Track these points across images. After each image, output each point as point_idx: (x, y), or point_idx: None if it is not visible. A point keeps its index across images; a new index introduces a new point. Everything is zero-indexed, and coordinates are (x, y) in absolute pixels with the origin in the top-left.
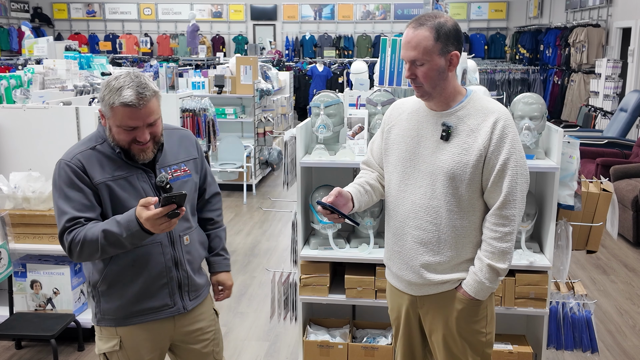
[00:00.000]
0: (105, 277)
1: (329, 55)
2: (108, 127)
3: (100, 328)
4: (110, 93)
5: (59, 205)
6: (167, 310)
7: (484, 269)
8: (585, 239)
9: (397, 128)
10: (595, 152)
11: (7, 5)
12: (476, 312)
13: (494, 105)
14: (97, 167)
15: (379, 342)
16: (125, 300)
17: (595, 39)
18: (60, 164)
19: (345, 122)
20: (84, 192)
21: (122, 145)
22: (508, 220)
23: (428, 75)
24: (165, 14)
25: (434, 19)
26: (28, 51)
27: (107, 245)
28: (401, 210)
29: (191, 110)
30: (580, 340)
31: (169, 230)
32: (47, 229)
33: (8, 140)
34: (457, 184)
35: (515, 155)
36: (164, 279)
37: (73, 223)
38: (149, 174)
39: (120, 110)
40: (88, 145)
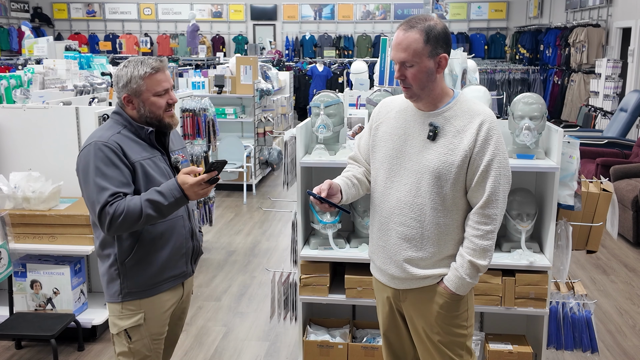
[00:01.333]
0: (137, 251)
1: (329, 55)
2: (140, 106)
3: (122, 305)
4: (136, 69)
5: (98, 183)
6: (183, 276)
7: (465, 265)
8: (585, 239)
9: (385, 125)
10: (595, 152)
11: (7, 5)
12: (457, 307)
13: (480, 108)
14: (130, 148)
15: (379, 342)
16: (153, 271)
17: (595, 39)
18: (96, 145)
19: (345, 122)
20: (122, 170)
21: (157, 115)
22: (490, 219)
23: (417, 77)
24: (165, 14)
25: (424, 21)
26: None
27: (150, 214)
28: (386, 206)
29: (191, 110)
30: (580, 340)
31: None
32: (47, 229)
33: (8, 140)
34: (442, 183)
35: (499, 156)
36: (184, 249)
37: (114, 197)
38: (164, 156)
39: (153, 77)
40: (115, 130)
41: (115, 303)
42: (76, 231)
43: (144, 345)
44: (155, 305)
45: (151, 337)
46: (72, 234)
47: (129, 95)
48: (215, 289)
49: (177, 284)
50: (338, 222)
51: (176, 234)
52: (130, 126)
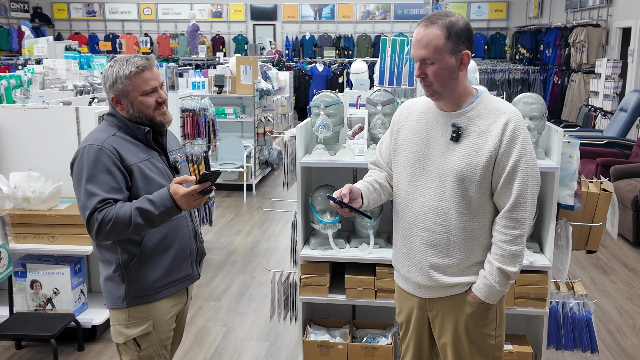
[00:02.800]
0: (141, 254)
1: (329, 55)
2: (128, 107)
3: (129, 312)
4: (121, 69)
5: (88, 188)
6: (189, 279)
7: (494, 272)
8: (585, 239)
9: (407, 128)
10: (595, 152)
11: (7, 5)
12: (486, 316)
13: (505, 106)
14: (125, 150)
15: (379, 342)
16: (158, 274)
17: (595, 39)
18: (90, 149)
19: (345, 122)
20: (114, 175)
21: (147, 115)
22: (518, 223)
23: (438, 75)
24: (165, 13)
25: (446, 17)
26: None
27: (139, 223)
28: (410, 212)
29: (191, 110)
30: (580, 340)
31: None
32: (47, 229)
33: (8, 140)
34: (466, 185)
35: (526, 157)
36: (188, 250)
37: (104, 203)
38: (161, 156)
39: (139, 76)
40: (110, 132)
41: (120, 310)
42: (76, 231)
43: (154, 352)
44: (162, 311)
45: (160, 342)
46: (72, 234)
47: (116, 96)
48: (215, 289)
49: (183, 288)
50: (338, 222)
51: (180, 234)
52: (126, 127)
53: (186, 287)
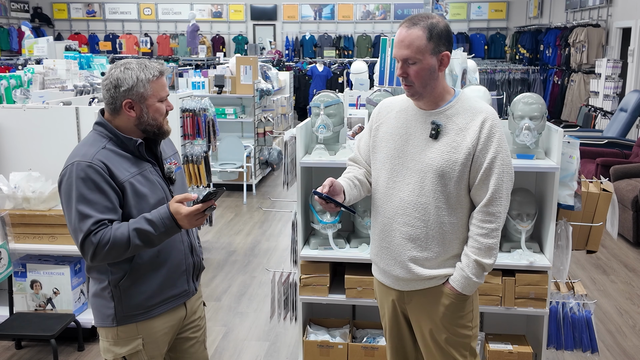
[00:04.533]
0: (131, 272)
1: (329, 55)
2: (143, 112)
3: (118, 330)
4: (142, 72)
5: (80, 209)
6: (184, 295)
7: (470, 264)
8: (585, 239)
9: (386, 126)
10: (595, 152)
11: (7, 5)
12: (462, 307)
13: (482, 105)
14: (117, 166)
15: (379, 342)
16: (150, 292)
17: (595, 39)
18: (78, 166)
19: (345, 122)
20: (106, 193)
21: (159, 122)
22: (494, 217)
23: (419, 75)
24: (165, 14)
25: (427, 19)
26: (28, 51)
27: (138, 245)
28: (389, 207)
29: (191, 110)
30: (580, 340)
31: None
32: (47, 229)
33: (8, 140)
34: (445, 181)
35: (501, 154)
36: (183, 266)
37: (99, 225)
38: (155, 167)
39: (158, 81)
40: (99, 145)
41: (108, 328)
42: None
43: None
44: (154, 328)
45: (151, 359)
46: None
47: (132, 101)
48: (215, 289)
49: (179, 304)
50: (338, 222)
51: (174, 250)
52: (117, 138)
53: (183, 302)
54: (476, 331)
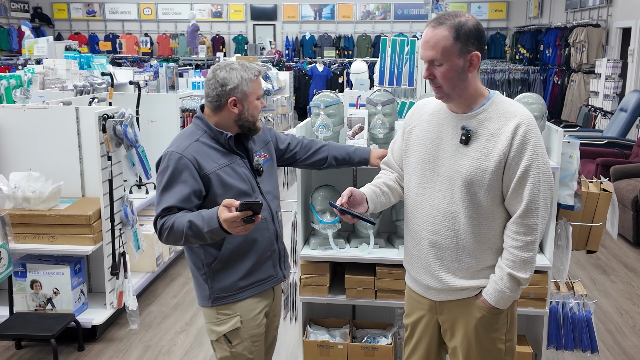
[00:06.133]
0: (222, 256)
1: (329, 55)
2: (244, 110)
3: (217, 310)
4: (245, 72)
5: (160, 194)
6: (272, 280)
7: (504, 277)
8: (585, 239)
9: (418, 129)
10: (595, 152)
11: (7, 5)
12: (496, 320)
13: (517, 109)
14: (206, 158)
15: (379, 342)
16: (239, 275)
17: (595, 39)
18: (172, 155)
19: (345, 122)
20: (188, 184)
21: (256, 118)
22: (530, 229)
23: (447, 76)
24: (165, 13)
25: (454, 18)
26: (28, 51)
27: (190, 235)
28: (420, 214)
29: (191, 110)
30: (580, 340)
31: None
32: (47, 229)
33: (8, 140)
34: (475, 189)
35: (537, 162)
36: (268, 252)
37: (168, 211)
38: (243, 159)
39: (257, 81)
40: (193, 138)
41: (208, 308)
42: (76, 231)
43: (245, 348)
44: (248, 307)
45: (251, 338)
46: (72, 234)
47: (237, 99)
48: None
49: (266, 289)
50: (338, 222)
51: (260, 237)
52: (210, 131)
53: (272, 287)
54: (511, 345)
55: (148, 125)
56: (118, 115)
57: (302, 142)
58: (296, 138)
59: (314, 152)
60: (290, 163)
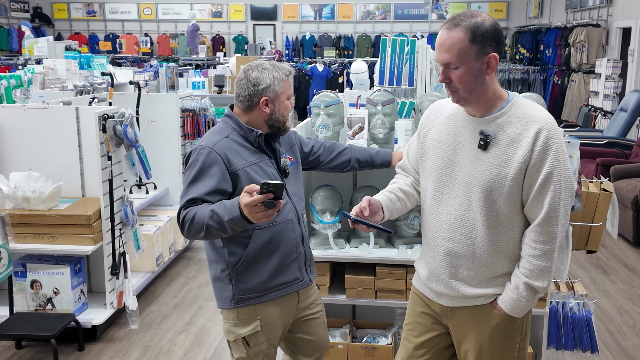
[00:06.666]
0: (246, 256)
1: (329, 55)
2: (276, 109)
3: (237, 312)
4: (277, 72)
5: (186, 187)
6: (297, 283)
7: (520, 286)
8: (585, 239)
9: (434, 132)
10: (595, 152)
11: (7, 5)
12: (511, 328)
13: (538, 113)
14: (235, 154)
15: (379, 342)
16: (263, 277)
17: (595, 39)
18: (202, 150)
19: (345, 122)
20: (213, 177)
21: (286, 118)
22: (549, 238)
23: (463, 80)
24: (165, 13)
25: (470, 18)
26: (28, 51)
27: (211, 226)
28: (435, 221)
29: (191, 110)
30: (580, 340)
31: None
32: (47, 229)
33: (8, 140)
34: (494, 197)
35: (559, 168)
36: (294, 254)
37: (191, 203)
38: (271, 159)
39: (287, 81)
40: (223, 135)
41: (229, 309)
42: (76, 231)
43: (261, 351)
44: (269, 311)
45: (268, 341)
46: (72, 234)
47: (269, 98)
48: None
49: (292, 292)
50: (338, 222)
51: (286, 238)
52: (240, 129)
53: (296, 290)
54: (524, 353)
55: (148, 125)
56: (118, 115)
57: (325, 145)
58: (319, 141)
59: (337, 155)
60: (314, 166)
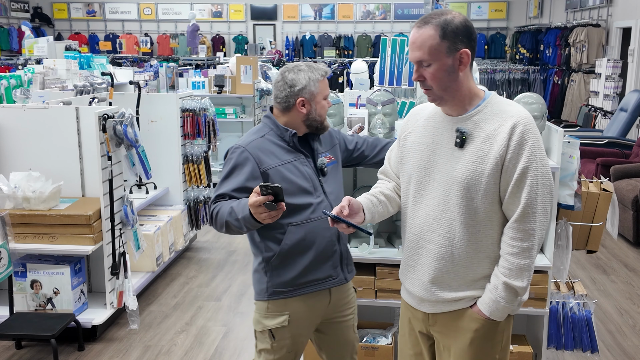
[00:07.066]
0: (281, 251)
1: (329, 55)
2: (312, 109)
3: (268, 304)
4: (313, 74)
5: (219, 182)
6: (330, 281)
7: (499, 286)
8: (585, 239)
9: (413, 135)
10: (595, 152)
11: (7, 5)
12: (492, 336)
13: (513, 109)
14: (268, 154)
15: (379, 342)
16: (296, 272)
17: (595, 39)
18: (236, 149)
19: (345, 122)
20: (244, 175)
21: (323, 118)
22: (527, 235)
23: (436, 77)
24: (165, 13)
25: (440, 16)
26: (28, 51)
27: (230, 222)
28: (416, 223)
29: (191, 110)
30: (580, 340)
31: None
32: (47, 229)
33: (8, 140)
34: (471, 194)
35: (535, 163)
36: (329, 252)
37: (220, 198)
38: (308, 158)
39: (324, 81)
40: (259, 135)
41: (262, 301)
42: (76, 231)
43: (285, 346)
44: (299, 307)
45: (293, 338)
46: (72, 234)
47: (305, 99)
48: (215, 289)
49: (323, 289)
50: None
51: (320, 236)
52: (277, 129)
53: (328, 288)
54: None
55: (148, 125)
56: (118, 115)
57: (368, 141)
58: (362, 137)
59: (380, 150)
60: (359, 162)
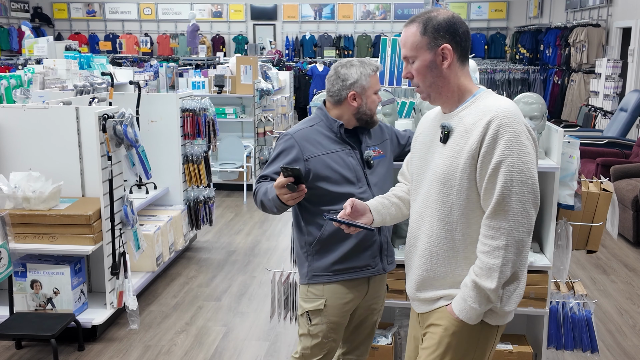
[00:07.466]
0: (320, 237)
1: (329, 55)
2: (363, 103)
3: (308, 288)
4: (364, 68)
5: (266, 165)
6: (368, 270)
7: (468, 284)
8: (585, 239)
9: (421, 136)
10: (595, 152)
11: (7, 5)
12: (462, 341)
13: (496, 103)
14: (315, 143)
15: (379, 342)
16: (335, 258)
17: (595, 39)
18: (285, 136)
19: None
20: (288, 161)
21: (373, 111)
22: (498, 233)
23: (420, 72)
24: (165, 13)
25: (425, 14)
26: (28, 51)
27: (264, 202)
28: (411, 222)
29: (191, 110)
30: (580, 340)
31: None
32: (47, 229)
33: (8, 140)
34: (447, 190)
35: (511, 157)
36: (369, 242)
37: (262, 179)
38: (354, 150)
39: (374, 76)
40: (308, 124)
41: (303, 285)
42: (76, 231)
43: (322, 331)
44: (336, 293)
45: (329, 324)
46: (72, 234)
47: (356, 93)
48: (215, 289)
49: (361, 278)
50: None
51: None
52: (326, 120)
53: (367, 277)
54: None
55: (148, 125)
56: (118, 115)
57: None
58: (414, 133)
59: None
60: None
